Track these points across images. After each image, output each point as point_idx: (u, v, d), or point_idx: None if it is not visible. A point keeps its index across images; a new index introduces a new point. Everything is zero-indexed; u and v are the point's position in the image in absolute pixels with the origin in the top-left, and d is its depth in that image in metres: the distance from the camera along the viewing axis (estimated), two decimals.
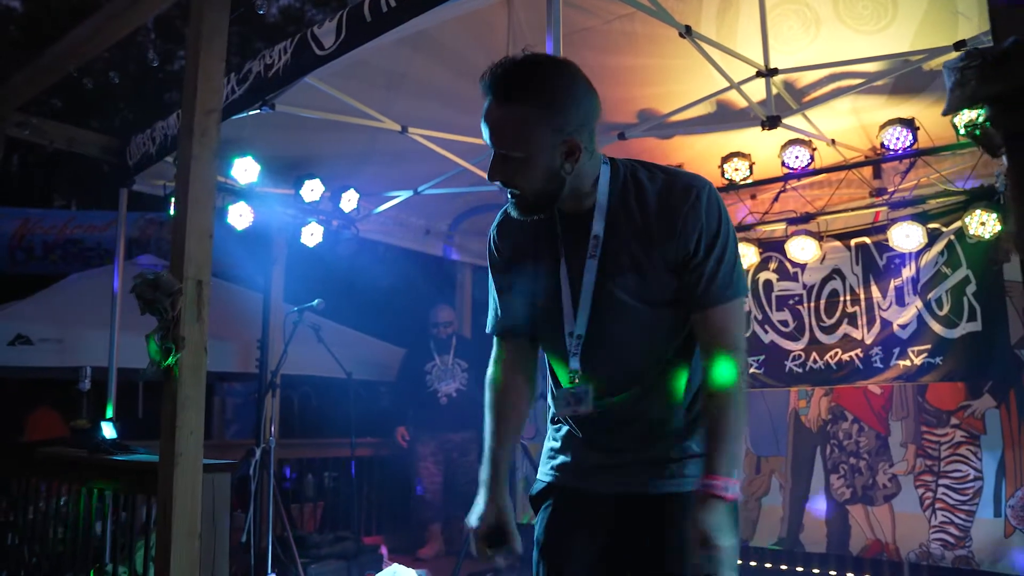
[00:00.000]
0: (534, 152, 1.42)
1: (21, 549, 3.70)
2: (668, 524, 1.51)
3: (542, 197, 1.47)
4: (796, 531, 4.86)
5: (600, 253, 1.48)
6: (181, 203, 2.60)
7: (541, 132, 1.41)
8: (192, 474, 2.45)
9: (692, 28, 3.47)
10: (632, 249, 1.47)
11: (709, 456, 1.45)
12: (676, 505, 1.51)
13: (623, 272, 1.47)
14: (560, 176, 1.45)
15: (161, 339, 2.48)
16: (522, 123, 1.40)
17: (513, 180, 1.45)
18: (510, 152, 1.42)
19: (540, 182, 1.45)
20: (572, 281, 1.52)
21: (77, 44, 3.42)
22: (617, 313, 1.49)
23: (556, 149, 1.43)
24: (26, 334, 4.90)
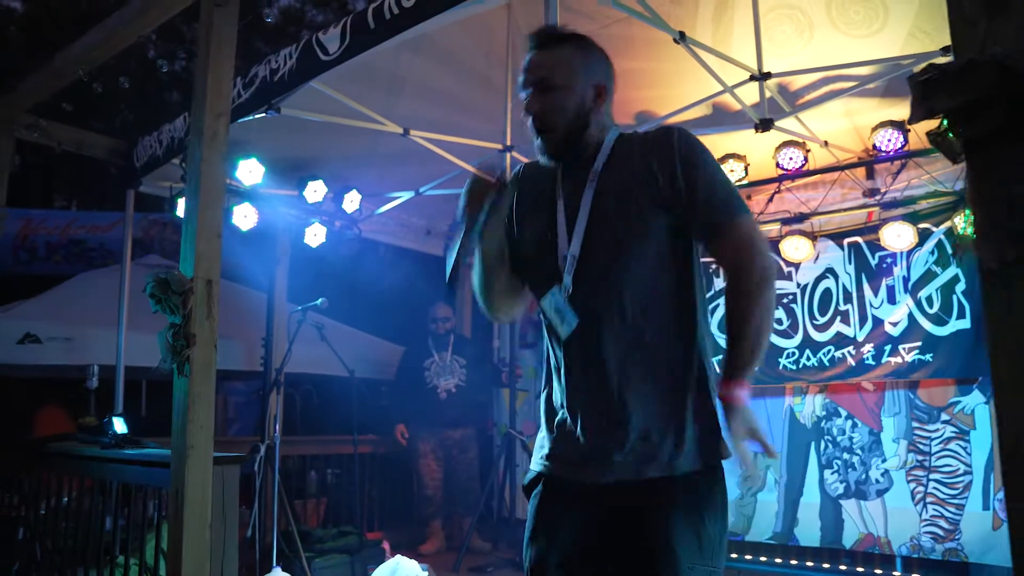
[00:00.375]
0: (573, 82, 1.64)
1: (32, 544, 3.78)
2: (654, 513, 1.53)
3: (571, 134, 1.65)
4: (791, 525, 4.95)
5: (597, 181, 1.63)
6: (191, 204, 2.69)
7: (579, 68, 1.66)
8: (203, 466, 2.54)
9: (687, 34, 3.54)
10: (623, 180, 1.61)
11: (727, 359, 1.53)
12: (663, 491, 1.53)
13: (613, 195, 1.61)
14: (587, 114, 1.65)
15: (173, 336, 2.57)
16: (567, 59, 1.66)
17: (551, 112, 1.64)
18: (553, 80, 1.64)
19: (572, 114, 1.64)
20: (568, 212, 1.65)
21: (88, 49, 3.51)
22: (608, 233, 1.59)
23: (588, 87, 1.66)
24: (35, 333, 4.98)
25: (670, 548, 1.49)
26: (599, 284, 1.58)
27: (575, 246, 1.60)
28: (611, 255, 1.58)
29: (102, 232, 10.44)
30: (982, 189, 1.16)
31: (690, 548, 1.49)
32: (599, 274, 1.58)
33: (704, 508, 1.54)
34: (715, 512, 1.55)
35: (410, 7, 3.04)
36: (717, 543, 1.54)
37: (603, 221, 1.60)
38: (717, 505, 1.57)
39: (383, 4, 3.15)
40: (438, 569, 4.99)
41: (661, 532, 1.50)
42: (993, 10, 1.19)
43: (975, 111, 1.14)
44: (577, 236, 1.61)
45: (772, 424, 5.15)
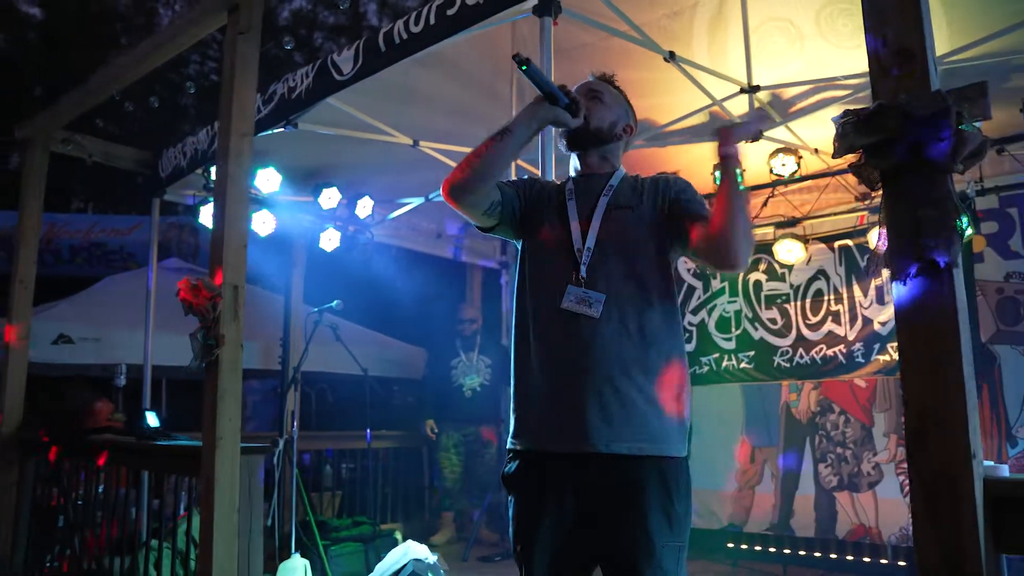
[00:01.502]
0: (615, 107, 2.02)
1: (71, 532, 4.02)
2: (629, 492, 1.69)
3: (599, 134, 1.97)
4: (787, 517, 5.15)
5: (611, 194, 1.93)
6: (219, 217, 2.94)
7: (622, 104, 2.06)
8: (231, 455, 2.78)
9: (677, 51, 3.75)
10: (630, 198, 1.92)
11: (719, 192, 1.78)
12: (638, 470, 1.70)
13: (623, 210, 1.90)
14: (614, 133, 2.00)
15: (203, 337, 2.82)
16: (616, 93, 2.06)
17: (592, 111, 1.95)
18: (603, 97, 2.00)
19: (606, 122, 1.98)
20: (581, 212, 1.91)
21: (121, 71, 3.76)
22: (616, 232, 1.86)
23: (622, 119, 2.03)
24: (67, 333, 5.26)
25: (645, 531, 1.67)
26: (609, 276, 1.82)
27: (591, 240, 1.85)
28: (619, 252, 1.84)
29: (122, 235, 10.74)
30: (894, 212, 1.38)
31: (662, 528, 1.69)
32: (609, 267, 1.82)
33: (672, 490, 1.73)
34: (682, 493, 1.75)
35: (418, 32, 3.27)
36: (684, 521, 1.75)
37: (614, 224, 1.87)
38: (683, 488, 1.76)
39: (393, 29, 3.39)
40: (448, 558, 5.22)
41: (637, 512, 1.69)
42: (902, 62, 1.42)
43: (885, 148, 1.36)
44: (592, 233, 1.86)
45: (769, 419, 5.35)
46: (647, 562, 1.67)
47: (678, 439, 1.79)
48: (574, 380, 1.76)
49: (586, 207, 1.91)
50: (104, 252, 10.76)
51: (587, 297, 1.78)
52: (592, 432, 1.72)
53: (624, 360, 1.75)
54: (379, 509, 6.27)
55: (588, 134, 1.96)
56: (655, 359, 1.78)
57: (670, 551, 1.70)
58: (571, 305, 1.79)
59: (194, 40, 3.44)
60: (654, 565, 1.67)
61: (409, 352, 7.53)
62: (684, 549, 1.75)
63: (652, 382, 1.76)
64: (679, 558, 1.73)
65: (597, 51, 4.17)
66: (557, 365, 1.80)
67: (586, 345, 1.76)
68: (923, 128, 1.32)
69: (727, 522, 5.38)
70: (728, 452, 5.47)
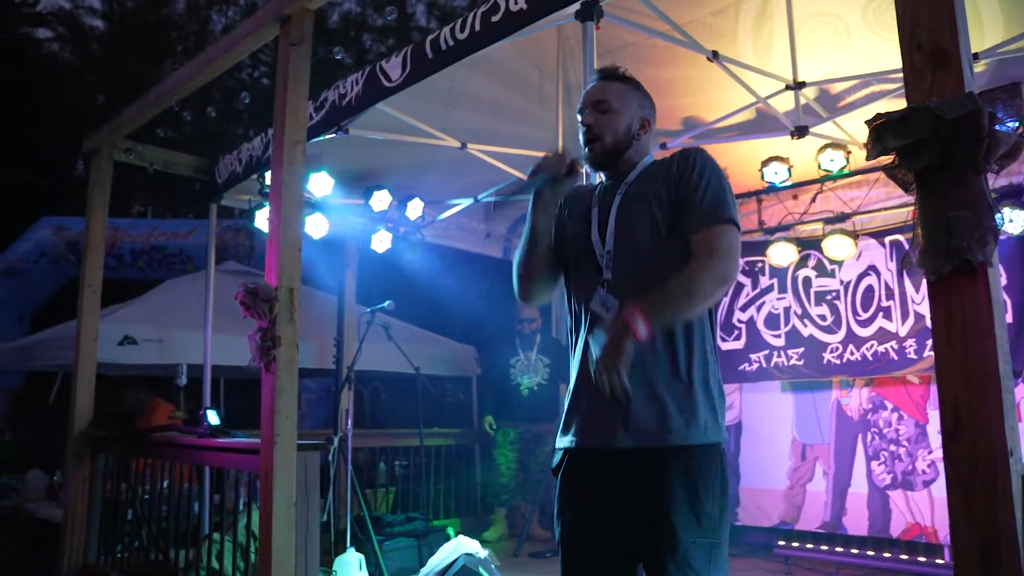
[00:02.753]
0: (625, 110, 1.97)
1: (139, 525, 4.21)
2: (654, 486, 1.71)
3: (615, 149, 1.96)
4: (839, 515, 5.10)
5: (624, 190, 1.93)
6: (274, 222, 3.05)
7: (632, 100, 2.00)
8: (288, 451, 2.90)
9: (720, 52, 3.75)
10: (644, 188, 1.91)
11: (643, 295, 1.70)
12: (660, 464, 1.72)
13: (634, 200, 1.90)
14: (631, 137, 1.97)
15: (261, 339, 2.94)
16: (624, 91, 2.00)
17: (602, 127, 1.95)
18: (610, 104, 1.96)
19: (620, 134, 1.95)
20: (601, 215, 1.94)
21: (179, 83, 3.93)
22: (629, 232, 1.87)
23: (636, 117, 1.98)
24: (132, 335, 5.47)
25: (669, 525, 1.69)
26: (629, 276, 1.85)
27: (609, 243, 1.89)
28: (632, 251, 1.86)
29: (181, 239, 11.04)
30: (926, 213, 1.40)
31: (688, 524, 1.69)
32: (627, 267, 1.86)
33: (700, 485, 1.73)
34: (712, 489, 1.74)
35: (464, 39, 3.35)
36: (718, 519, 1.74)
37: (626, 222, 1.89)
38: (715, 483, 1.75)
39: (439, 36, 3.47)
40: (500, 554, 5.29)
41: (662, 510, 1.70)
42: (937, 65, 1.43)
43: (917, 149, 1.38)
44: (609, 236, 1.90)
45: (820, 416, 5.30)
46: (671, 558, 1.68)
47: (704, 428, 1.77)
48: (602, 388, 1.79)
49: (606, 210, 1.94)
50: (164, 255, 11.05)
51: (606, 302, 1.85)
52: (616, 429, 1.77)
53: (644, 359, 1.74)
54: (432, 505, 6.38)
55: (606, 154, 1.96)
56: (674, 353, 1.79)
57: (699, 548, 1.69)
58: (597, 308, 1.86)
59: (248, 52, 3.57)
60: (680, 561, 1.67)
61: (460, 351, 7.63)
62: (719, 547, 1.73)
63: (674, 375, 1.78)
64: (712, 556, 1.71)
65: (642, 50, 4.19)
66: (588, 370, 1.84)
67: None
68: (955, 130, 1.34)
69: (778, 520, 5.34)
70: (778, 450, 5.44)
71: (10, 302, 10.99)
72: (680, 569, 1.67)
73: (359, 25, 26.63)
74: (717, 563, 1.72)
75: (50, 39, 25.13)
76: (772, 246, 5.24)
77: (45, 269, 10.94)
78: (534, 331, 6.22)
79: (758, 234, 5.43)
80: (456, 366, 7.54)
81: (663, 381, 1.78)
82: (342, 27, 25.80)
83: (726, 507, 1.78)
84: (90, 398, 4.58)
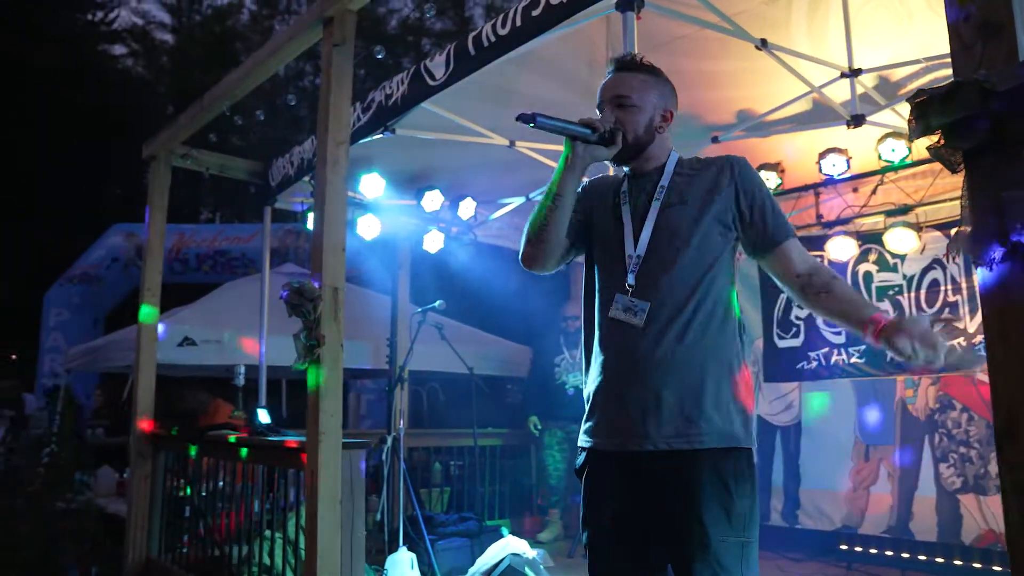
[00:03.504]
0: (645, 103, 1.91)
1: (196, 521, 4.31)
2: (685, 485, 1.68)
3: (637, 144, 1.90)
4: (905, 519, 4.91)
5: (664, 196, 1.87)
6: (318, 222, 3.08)
7: (652, 92, 1.93)
8: (333, 449, 2.91)
9: (772, 41, 3.64)
10: (684, 197, 1.86)
11: (857, 313, 1.74)
12: (690, 464, 1.69)
13: (676, 208, 1.85)
14: (652, 131, 1.91)
15: (305, 337, 2.96)
16: (643, 82, 1.93)
17: (622, 119, 1.88)
18: (629, 98, 1.90)
19: (641, 128, 1.89)
20: (634, 218, 1.89)
21: (229, 88, 4.00)
22: (669, 239, 1.82)
23: (657, 109, 1.92)
24: (191, 337, 5.61)
25: (700, 523, 1.65)
26: (658, 281, 1.80)
27: (641, 248, 1.84)
28: (669, 258, 1.81)
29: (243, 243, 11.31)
30: (974, 195, 1.31)
31: (719, 521, 1.66)
32: (658, 273, 1.80)
33: (731, 483, 1.69)
34: (743, 487, 1.71)
35: (505, 34, 3.32)
36: (748, 517, 1.70)
37: (665, 229, 1.83)
38: (745, 482, 1.72)
39: (481, 33, 3.45)
40: (554, 555, 5.25)
41: (692, 507, 1.66)
42: (987, 36, 1.34)
43: (965, 127, 1.29)
44: (643, 241, 1.84)
45: (884, 416, 5.11)
46: (702, 556, 1.64)
47: (736, 432, 1.75)
48: (626, 386, 1.79)
49: (639, 210, 1.89)
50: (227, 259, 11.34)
51: (633, 306, 1.80)
52: (644, 432, 1.74)
53: (672, 364, 1.74)
54: (487, 506, 6.37)
55: (629, 149, 1.90)
56: (705, 358, 1.76)
57: (731, 547, 1.66)
58: (618, 314, 1.82)
59: (294, 55, 3.61)
60: (710, 560, 1.64)
61: (515, 350, 7.60)
62: (750, 546, 1.70)
63: (705, 380, 1.75)
64: (743, 555, 1.68)
65: (693, 42, 4.10)
66: (612, 373, 1.83)
67: (634, 353, 1.78)
68: (1006, 103, 1.24)
69: (840, 523, 5.17)
70: (840, 450, 5.26)
71: (85, 306, 11.44)
72: (711, 568, 1.64)
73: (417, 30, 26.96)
74: (748, 562, 1.69)
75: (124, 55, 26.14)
76: (831, 240, 5.06)
77: (117, 274, 11.35)
78: (579, 329, 6.14)
79: (816, 228, 5.26)
80: (512, 366, 7.51)
81: (694, 384, 1.74)
82: (400, 32, 26.17)
83: (756, 505, 1.75)
84: (151, 398, 4.70)
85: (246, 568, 3.65)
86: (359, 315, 6.62)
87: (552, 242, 1.90)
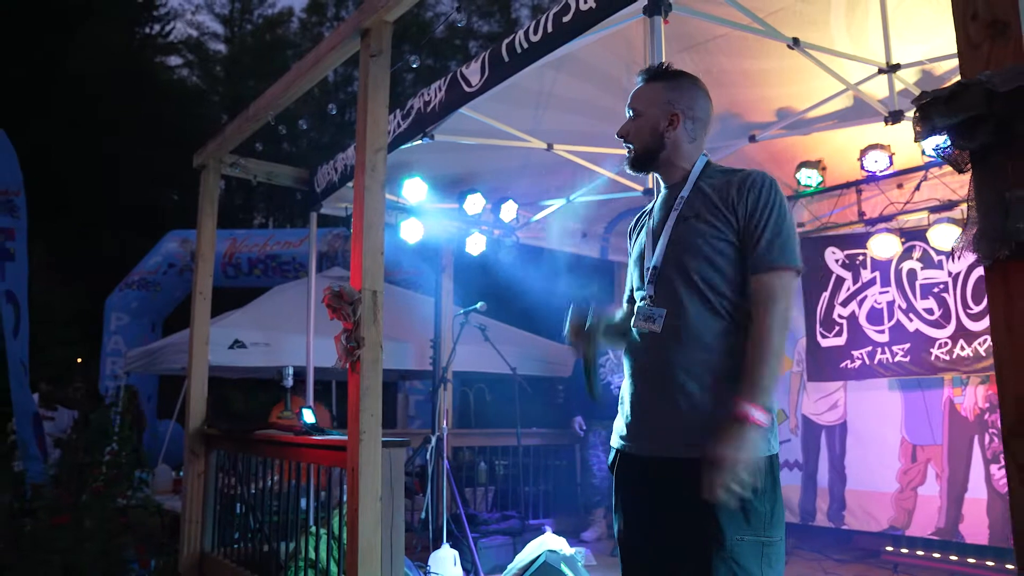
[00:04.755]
0: (648, 111, 1.95)
1: (247, 517, 4.45)
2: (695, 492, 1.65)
3: (645, 152, 1.96)
4: (955, 522, 4.81)
5: (682, 206, 1.89)
6: (356, 227, 3.17)
7: (659, 97, 1.95)
8: (373, 448, 3.00)
9: (807, 40, 3.63)
10: (700, 210, 1.85)
11: (741, 383, 1.68)
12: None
13: (690, 222, 1.85)
14: (660, 136, 1.93)
15: (346, 340, 3.05)
16: (653, 90, 1.97)
17: (631, 135, 1.97)
18: (637, 109, 1.97)
19: (646, 137, 1.94)
20: (655, 230, 1.94)
21: (273, 99, 4.13)
22: (682, 251, 1.84)
23: (663, 114, 1.94)
24: (241, 339, 5.78)
25: (715, 521, 1.65)
26: (674, 289, 1.84)
27: (657, 259, 1.88)
28: (683, 268, 1.84)
29: (294, 247, 11.53)
30: (982, 195, 1.32)
31: (734, 519, 1.65)
32: (673, 282, 1.84)
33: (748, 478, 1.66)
34: (763, 487, 1.68)
35: (537, 41, 3.38)
36: (768, 517, 1.69)
37: (678, 240, 1.87)
38: (765, 482, 1.69)
39: (514, 39, 3.51)
40: (598, 555, 5.29)
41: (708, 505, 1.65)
42: (995, 34, 1.35)
43: (971, 128, 1.31)
44: (659, 251, 1.89)
45: (931, 416, 5.02)
46: (718, 554, 1.64)
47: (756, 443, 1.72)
48: (647, 391, 1.85)
49: (659, 223, 1.94)
50: (278, 263, 11.56)
51: (652, 314, 1.85)
52: (663, 438, 1.78)
53: (691, 368, 1.76)
54: (531, 505, 6.42)
55: (638, 159, 1.98)
56: (723, 362, 1.77)
57: (748, 546, 1.65)
58: (640, 324, 1.88)
59: (334, 65, 3.71)
60: (726, 558, 1.63)
61: (559, 350, 7.64)
62: (772, 546, 1.68)
63: (722, 386, 1.74)
64: (764, 554, 1.66)
65: (731, 41, 4.11)
66: (636, 378, 1.90)
67: (655, 359, 1.83)
68: (1010, 103, 1.26)
69: (887, 525, 5.09)
70: (887, 451, 5.18)
71: (143, 311, 11.81)
72: (727, 565, 1.64)
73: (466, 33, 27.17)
74: (770, 562, 1.68)
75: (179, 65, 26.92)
76: (873, 238, 5.00)
77: (173, 279, 11.68)
78: None
79: (859, 226, 5.20)
80: (555, 366, 7.55)
81: (714, 390, 1.75)
82: (448, 36, 26.43)
83: (778, 506, 1.73)
84: (203, 398, 4.87)
85: (293, 563, 3.76)
86: (404, 317, 6.73)
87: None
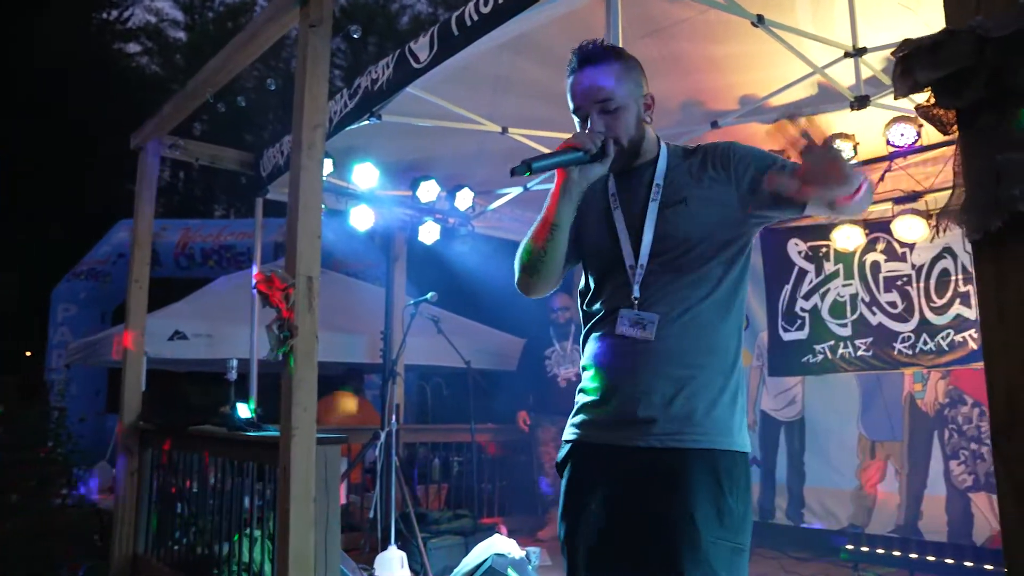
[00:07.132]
0: (627, 99, 1.72)
1: (188, 518, 4.21)
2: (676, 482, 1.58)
3: (633, 147, 1.74)
4: (914, 519, 4.75)
5: (660, 195, 1.71)
6: (292, 209, 2.95)
7: (629, 82, 1.73)
8: (306, 445, 2.79)
9: (769, 17, 3.49)
10: (681, 194, 1.70)
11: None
12: (683, 461, 1.59)
13: (675, 207, 1.69)
14: (642, 125, 1.75)
15: (278, 328, 2.84)
16: (619, 74, 1.72)
17: (616, 131, 1.71)
18: (612, 100, 1.70)
19: (633, 128, 1.73)
20: (630, 224, 1.74)
21: (212, 74, 3.88)
22: (673, 243, 1.68)
23: (640, 99, 1.75)
24: (182, 331, 5.51)
25: (691, 520, 1.54)
26: (666, 289, 1.68)
27: (643, 257, 1.70)
28: (675, 264, 1.68)
29: (249, 238, 11.20)
30: (970, 159, 1.16)
31: (710, 520, 1.54)
32: (665, 281, 1.68)
33: (725, 482, 1.58)
34: (738, 488, 1.59)
35: (487, 12, 3.18)
36: (740, 519, 1.58)
37: (667, 233, 1.69)
38: (740, 483, 1.61)
39: (464, 12, 3.31)
40: (554, 554, 5.13)
41: (683, 503, 1.55)
42: None
43: (958, 83, 1.15)
44: (644, 248, 1.70)
45: (891, 411, 4.94)
46: (691, 555, 1.52)
47: (733, 434, 1.65)
48: (622, 382, 1.68)
49: (635, 215, 1.74)
50: (233, 254, 11.25)
51: (641, 319, 1.67)
52: (639, 428, 1.64)
53: (671, 361, 1.64)
54: (485, 503, 6.24)
55: (626, 155, 1.74)
56: (706, 356, 1.66)
57: (721, 549, 1.54)
58: (626, 330, 1.68)
59: (274, 39, 3.48)
60: (700, 560, 1.52)
61: (516, 343, 7.45)
62: (740, 553, 1.58)
63: (704, 379, 1.64)
64: (733, 561, 1.55)
65: (697, 26, 3.96)
66: (612, 379, 1.71)
67: (641, 362, 1.66)
68: (1004, 52, 1.09)
69: (847, 522, 5.01)
70: (846, 447, 5.10)
71: (92, 302, 11.41)
72: (701, 568, 1.51)
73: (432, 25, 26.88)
74: (737, 570, 1.57)
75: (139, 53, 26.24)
76: (837, 229, 4.89)
77: (123, 269, 11.24)
78: (569, 320, 6.00)
79: (822, 217, 5.09)
80: (511, 360, 7.37)
81: (693, 382, 1.64)
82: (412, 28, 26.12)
83: (750, 512, 1.63)
84: (139, 392, 4.61)
85: (226, 567, 3.54)
86: (356, 308, 6.51)
87: (553, 271, 1.80)
